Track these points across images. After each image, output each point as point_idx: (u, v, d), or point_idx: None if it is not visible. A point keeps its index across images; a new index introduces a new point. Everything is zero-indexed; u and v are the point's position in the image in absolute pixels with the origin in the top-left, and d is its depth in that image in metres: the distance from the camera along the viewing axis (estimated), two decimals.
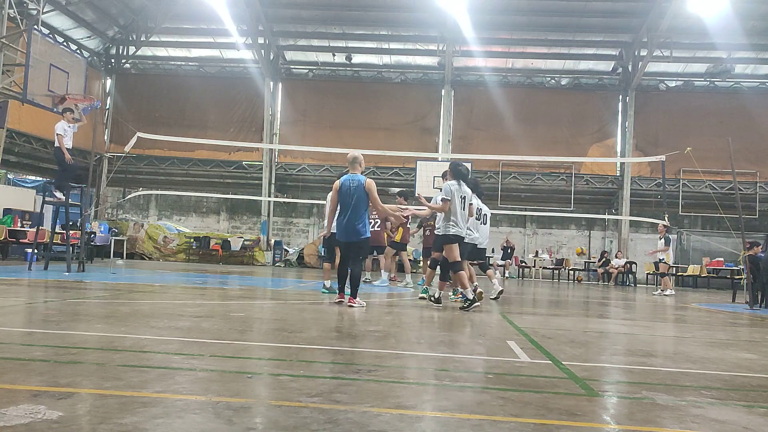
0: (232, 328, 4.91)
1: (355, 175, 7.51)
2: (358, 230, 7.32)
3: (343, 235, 7.44)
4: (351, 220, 7.31)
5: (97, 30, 23.27)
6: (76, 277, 10.36)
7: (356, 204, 7.30)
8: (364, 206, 7.37)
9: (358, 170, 7.59)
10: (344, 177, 7.54)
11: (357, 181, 7.41)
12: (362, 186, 7.36)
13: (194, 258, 23.42)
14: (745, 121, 22.71)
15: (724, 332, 6.73)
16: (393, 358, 3.98)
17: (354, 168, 7.60)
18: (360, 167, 7.63)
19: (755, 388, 3.53)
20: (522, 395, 3.01)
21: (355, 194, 7.35)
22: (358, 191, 7.35)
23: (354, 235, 7.33)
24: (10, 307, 5.78)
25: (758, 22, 20.78)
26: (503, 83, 24.22)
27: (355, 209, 7.29)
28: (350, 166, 7.62)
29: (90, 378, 2.93)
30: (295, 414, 2.47)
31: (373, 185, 7.41)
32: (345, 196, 7.41)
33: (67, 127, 11.09)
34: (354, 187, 7.38)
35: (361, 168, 7.65)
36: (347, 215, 7.34)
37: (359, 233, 7.33)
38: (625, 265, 21.87)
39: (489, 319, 6.77)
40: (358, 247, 7.39)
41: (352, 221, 7.30)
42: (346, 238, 7.43)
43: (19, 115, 18.26)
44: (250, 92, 24.71)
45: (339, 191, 7.46)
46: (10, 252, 16.46)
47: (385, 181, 23.00)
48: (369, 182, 7.43)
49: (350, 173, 7.56)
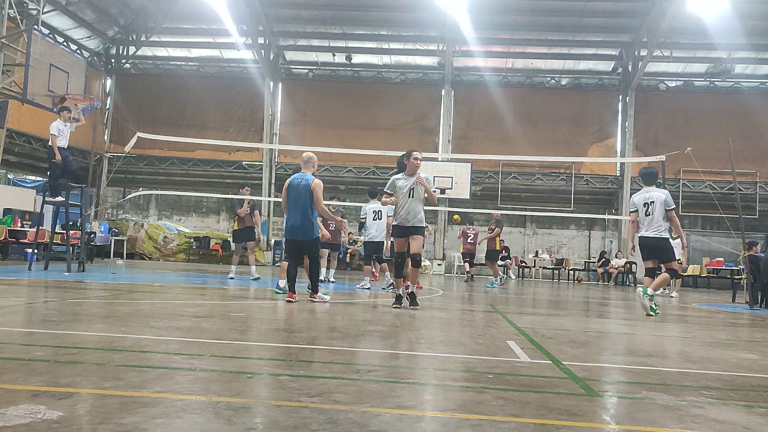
0: (232, 328, 4.91)
1: (305, 174, 7.59)
2: (306, 230, 7.40)
3: (290, 233, 7.49)
4: (298, 219, 7.39)
5: (97, 30, 23.28)
6: (76, 277, 10.36)
7: (303, 203, 7.39)
8: (311, 207, 7.44)
9: (310, 170, 7.70)
10: (294, 176, 7.62)
11: (305, 180, 7.49)
12: (309, 185, 7.42)
13: (194, 258, 23.42)
14: (745, 121, 22.72)
15: (724, 332, 6.73)
16: (393, 358, 3.98)
17: (306, 167, 7.71)
18: (312, 167, 7.75)
19: (755, 388, 3.53)
20: (522, 395, 3.01)
21: (302, 193, 7.43)
22: (306, 190, 7.43)
23: (301, 234, 7.41)
24: (10, 307, 5.78)
25: (758, 22, 20.79)
26: (503, 83, 24.23)
27: (302, 209, 7.38)
28: (303, 166, 7.73)
29: (90, 378, 2.92)
30: (295, 414, 2.47)
31: (318, 186, 7.48)
32: (292, 195, 7.48)
33: (63, 127, 11.05)
34: (302, 186, 7.46)
35: (313, 168, 7.76)
36: (294, 214, 7.42)
37: (307, 233, 7.42)
38: (625, 265, 21.87)
39: (489, 319, 6.77)
40: (307, 247, 7.52)
41: (299, 220, 7.38)
42: (292, 236, 7.49)
43: (19, 115, 18.27)
44: (250, 92, 24.72)
45: (287, 190, 7.53)
46: (10, 252, 16.45)
47: (385, 181, 22.97)
48: (316, 182, 7.48)
49: (302, 172, 7.65)
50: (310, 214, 7.43)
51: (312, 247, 7.59)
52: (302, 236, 7.42)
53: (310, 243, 7.50)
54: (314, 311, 6.70)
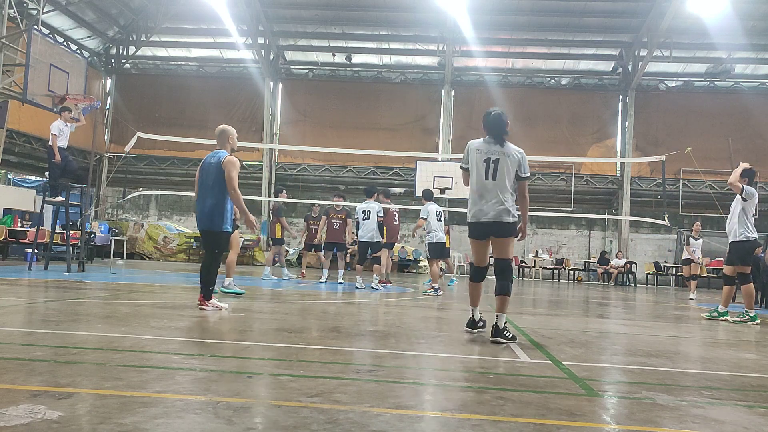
0: (232, 328, 4.91)
1: (218, 151, 6.20)
2: (213, 218, 6.04)
3: (199, 222, 6.15)
4: (205, 204, 6.06)
5: (97, 30, 23.28)
6: (76, 277, 10.36)
7: (213, 186, 6.03)
8: (222, 190, 6.04)
9: (227, 147, 6.27)
10: (209, 153, 6.28)
11: (217, 157, 6.10)
12: (220, 163, 6.01)
13: (194, 258, 23.40)
14: (745, 121, 22.72)
15: (724, 332, 6.73)
16: (393, 358, 3.98)
17: (221, 142, 6.28)
18: (229, 143, 6.28)
19: (755, 388, 3.53)
20: (522, 395, 3.01)
21: (212, 173, 6.06)
22: (216, 170, 6.04)
23: (206, 222, 6.07)
24: (10, 307, 5.78)
25: (758, 22, 20.78)
26: (503, 83, 24.22)
27: (211, 191, 6.03)
28: (217, 142, 6.31)
29: (90, 378, 2.92)
30: (295, 414, 2.47)
31: (232, 163, 6.01)
32: (203, 176, 6.14)
33: (64, 127, 11.06)
34: (213, 164, 6.08)
35: (230, 144, 6.28)
36: (201, 198, 6.11)
37: (214, 222, 6.04)
38: (625, 265, 21.88)
39: (489, 319, 6.77)
40: (213, 239, 6.12)
41: (206, 206, 6.05)
42: (201, 227, 6.14)
43: (19, 115, 18.27)
44: (250, 92, 24.72)
45: (200, 169, 6.19)
46: (10, 252, 16.45)
47: (385, 181, 23.02)
48: (229, 159, 6.05)
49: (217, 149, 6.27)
50: (221, 199, 6.03)
51: (218, 241, 6.15)
52: (208, 225, 6.04)
53: (216, 235, 6.09)
54: (314, 311, 6.70)
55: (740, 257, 7.73)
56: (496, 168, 5.08)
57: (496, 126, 5.18)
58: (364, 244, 11.13)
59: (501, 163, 5.08)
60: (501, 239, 5.11)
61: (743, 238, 7.67)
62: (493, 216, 5.02)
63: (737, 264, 7.77)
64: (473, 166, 5.17)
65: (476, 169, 5.12)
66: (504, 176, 5.07)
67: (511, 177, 5.12)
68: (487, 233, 5.12)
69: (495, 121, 5.18)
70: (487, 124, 5.22)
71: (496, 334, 4.81)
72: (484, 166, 5.09)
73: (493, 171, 5.08)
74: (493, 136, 5.17)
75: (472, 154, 5.20)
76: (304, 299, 8.34)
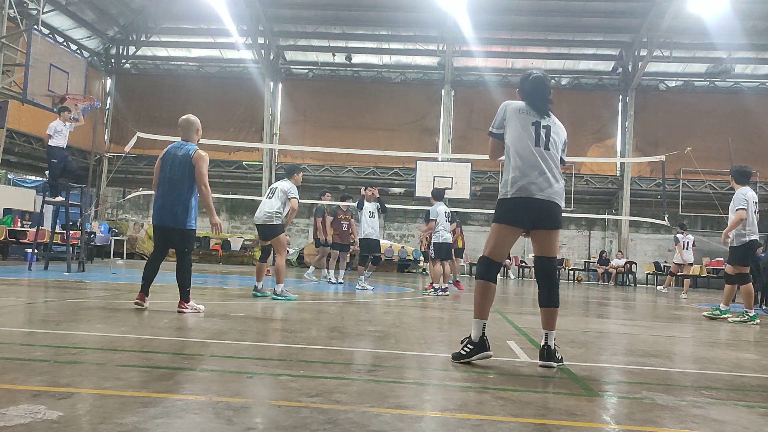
0: (233, 328, 4.91)
1: (186, 142, 5.87)
2: (176, 214, 5.70)
3: (157, 216, 5.80)
4: (168, 199, 5.72)
5: (97, 30, 23.28)
6: (76, 277, 10.36)
7: (178, 180, 5.71)
8: (189, 185, 5.73)
9: (195, 138, 5.94)
10: (172, 144, 5.93)
11: (185, 149, 5.78)
12: (189, 156, 5.71)
13: (194, 258, 23.28)
14: (745, 121, 22.71)
15: (724, 332, 6.73)
16: (393, 358, 3.98)
17: (188, 134, 5.93)
18: (196, 134, 5.96)
19: (755, 388, 3.53)
20: (522, 395, 3.01)
21: (179, 165, 5.71)
22: (185, 163, 5.72)
23: (169, 219, 5.72)
24: (10, 307, 5.78)
25: (758, 22, 20.78)
26: (503, 83, 24.20)
27: (174, 186, 5.70)
28: (183, 133, 5.95)
29: (90, 378, 2.92)
30: (295, 414, 2.47)
31: (203, 158, 5.73)
32: (167, 168, 5.76)
33: (62, 127, 11.05)
34: (180, 156, 5.75)
35: (197, 136, 5.97)
36: (164, 192, 5.76)
37: (177, 219, 5.71)
38: (625, 265, 21.88)
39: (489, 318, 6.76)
40: (176, 237, 5.79)
41: (169, 201, 5.71)
42: (159, 221, 5.79)
43: (19, 115, 18.27)
44: (250, 92, 24.71)
45: (161, 160, 5.83)
46: (10, 252, 16.45)
47: (385, 181, 23.02)
48: (199, 153, 5.75)
49: (182, 140, 5.94)
50: (187, 194, 5.72)
51: (183, 239, 5.80)
52: (170, 222, 5.71)
53: (180, 233, 5.74)
54: (314, 311, 6.70)
55: (739, 258, 7.75)
56: (548, 135, 3.90)
57: (538, 91, 4.00)
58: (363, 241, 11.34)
59: (553, 131, 3.95)
60: (551, 231, 3.91)
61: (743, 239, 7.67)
62: (550, 194, 3.79)
63: (736, 264, 7.80)
64: (515, 130, 3.89)
65: (521, 134, 3.87)
66: (556, 149, 3.94)
67: (560, 150, 3.99)
68: (533, 218, 3.81)
69: (537, 84, 4.02)
70: (526, 89, 4.03)
71: (548, 357, 3.77)
72: (533, 129, 3.87)
73: (545, 139, 3.88)
74: (533, 104, 3.96)
75: (512, 114, 3.95)
76: (304, 298, 8.34)
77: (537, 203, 3.77)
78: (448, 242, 10.60)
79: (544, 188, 3.77)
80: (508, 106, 4.02)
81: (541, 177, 3.79)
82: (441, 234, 10.35)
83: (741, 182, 7.86)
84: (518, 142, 3.87)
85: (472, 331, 3.83)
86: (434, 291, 10.28)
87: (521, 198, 3.77)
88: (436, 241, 10.42)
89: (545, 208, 3.80)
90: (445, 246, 10.48)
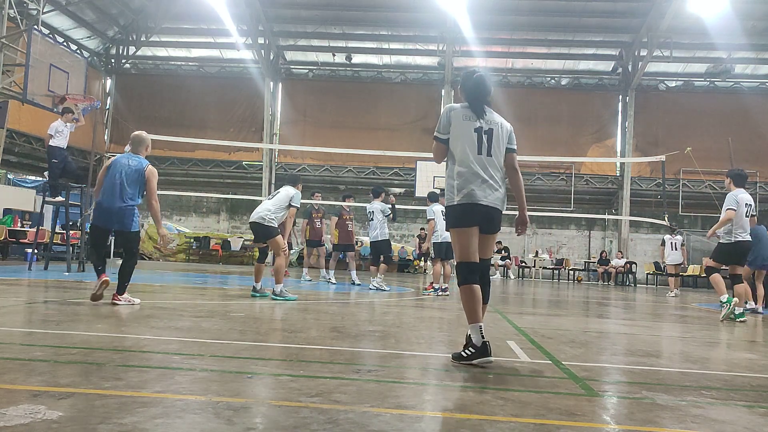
0: (232, 328, 4.91)
1: (137, 156, 6.47)
2: (124, 219, 6.22)
3: (102, 218, 6.29)
4: (116, 204, 6.19)
5: (97, 30, 23.27)
6: (76, 277, 10.37)
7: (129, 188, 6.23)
8: (135, 191, 6.28)
9: (143, 153, 6.55)
10: (122, 155, 6.49)
11: (138, 163, 6.37)
12: (142, 170, 6.32)
13: (194, 258, 23.42)
14: (745, 121, 22.71)
15: (725, 332, 6.73)
16: (393, 358, 3.98)
17: (137, 149, 6.52)
18: (145, 150, 6.59)
19: (755, 388, 3.53)
20: (522, 395, 3.01)
21: (132, 176, 6.28)
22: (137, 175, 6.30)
23: (116, 222, 6.26)
24: (10, 307, 5.78)
25: (758, 22, 20.78)
26: (503, 83, 24.21)
27: (124, 193, 6.20)
28: (133, 146, 6.53)
29: (90, 378, 2.92)
30: (295, 414, 2.47)
31: (155, 174, 6.40)
32: (116, 175, 6.26)
33: (63, 127, 11.06)
34: (133, 168, 6.30)
35: (146, 152, 6.60)
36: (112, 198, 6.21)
37: (125, 223, 6.24)
38: (625, 265, 21.88)
39: (489, 319, 6.77)
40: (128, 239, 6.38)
41: (117, 206, 6.19)
42: (104, 223, 6.32)
43: (19, 115, 18.27)
44: (250, 92, 24.71)
45: (109, 168, 6.33)
46: (10, 252, 16.46)
47: (385, 181, 23.01)
48: (151, 169, 6.38)
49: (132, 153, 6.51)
50: (135, 201, 6.29)
51: (132, 241, 6.43)
52: (117, 225, 6.26)
53: (128, 235, 6.33)
54: (314, 311, 6.70)
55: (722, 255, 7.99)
56: (490, 141, 4.02)
57: (480, 90, 4.17)
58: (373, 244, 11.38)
59: (495, 134, 4.05)
60: (491, 235, 4.12)
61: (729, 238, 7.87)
62: (493, 200, 3.97)
63: (730, 264, 8.03)
64: (458, 138, 4.02)
65: (464, 140, 3.99)
66: (498, 153, 4.06)
67: (502, 153, 4.10)
68: (479, 222, 3.98)
69: (479, 83, 4.18)
70: (468, 87, 4.19)
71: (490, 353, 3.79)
72: (475, 136, 4.00)
73: (487, 144, 4.01)
74: (472, 105, 4.12)
75: (456, 120, 4.05)
76: (304, 298, 8.34)
77: (482, 208, 3.96)
78: (448, 241, 10.57)
79: (488, 195, 3.97)
80: (451, 111, 4.12)
81: (484, 185, 3.96)
82: (440, 233, 10.33)
83: (737, 185, 7.99)
84: (461, 151, 4.00)
85: (473, 336, 3.82)
86: (434, 291, 10.28)
87: (468, 204, 3.95)
88: (435, 240, 10.40)
89: (489, 213, 3.99)
90: (444, 245, 10.44)
